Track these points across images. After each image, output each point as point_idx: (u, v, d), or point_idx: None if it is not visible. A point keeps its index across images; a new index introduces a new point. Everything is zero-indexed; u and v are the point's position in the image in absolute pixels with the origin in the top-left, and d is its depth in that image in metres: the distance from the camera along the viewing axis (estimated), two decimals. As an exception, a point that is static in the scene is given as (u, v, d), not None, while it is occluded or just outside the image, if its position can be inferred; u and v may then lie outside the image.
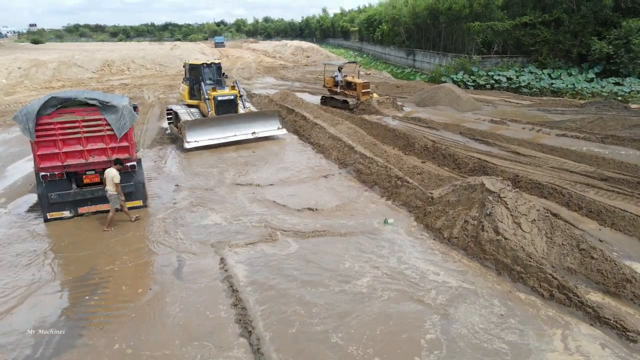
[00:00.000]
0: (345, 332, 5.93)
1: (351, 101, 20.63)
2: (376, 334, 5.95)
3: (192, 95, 17.08)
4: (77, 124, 9.15)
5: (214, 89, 16.09)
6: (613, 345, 5.69)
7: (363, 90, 20.63)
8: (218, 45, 78.41)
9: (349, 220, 9.35)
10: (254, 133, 15.60)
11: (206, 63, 17.14)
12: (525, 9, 32.28)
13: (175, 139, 16.30)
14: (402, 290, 6.87)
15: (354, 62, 27.79)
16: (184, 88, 17.50)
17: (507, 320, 6.17)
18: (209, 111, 15.74)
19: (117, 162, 9.25)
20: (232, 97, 16.04)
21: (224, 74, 17.24)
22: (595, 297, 6.66)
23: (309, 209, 10.00)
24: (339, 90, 21.76)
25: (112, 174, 8.98)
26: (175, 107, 17.21)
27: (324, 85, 23.05)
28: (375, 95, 21.54)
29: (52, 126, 8.98)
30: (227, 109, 15.88)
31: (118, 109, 9.32)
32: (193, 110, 16.78)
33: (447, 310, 6.36)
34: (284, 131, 16.24)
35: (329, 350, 5.61)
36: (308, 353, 5.59)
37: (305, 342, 5.77)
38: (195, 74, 16.83)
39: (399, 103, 21.63)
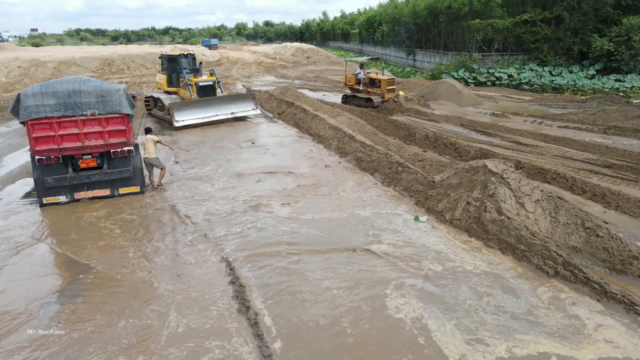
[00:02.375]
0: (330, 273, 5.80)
1: (375, 99, 19.40)
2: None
3: (170, 83, 18.63)
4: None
5: (194, 76, 17.75)
6: (621, 320, 5.53)
7: (388, 87, 19.40)
8: (212, 47, 77.34)
9: (362, 209, 9.21)
10: (232, 113, 17.26)
11: (183, 54, 18.62)
12: (525, 6, 32.25)
13: (161, 121, 17.73)
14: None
15: (377, 58, 25.93)
16: (162, 77, 18.95)
17: (511, 293, 6.02)
18: (191, 95, 17.17)
19: (148, 132, 10.37)
20: (211, 83, 17.71)
21: (200, 63, 19.06)
22: (601, 274, 6.51)
23: (313, 196, 9.88)
24: (361, 88, 20.44)
25: (151, 137, 10.10)
26: (155, 94, 18.82)
27: (345, 84, 21.65)
28: (401, 92, 20.18)
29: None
30: (207, 93, 17.47)
31: (115, 94, 9.21)
32: (173, 96, 18.17)
33: (430, 274, 6.22)
34: (258, 111, 18.12)
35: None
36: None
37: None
38: (173, 64, 18.43)
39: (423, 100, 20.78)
